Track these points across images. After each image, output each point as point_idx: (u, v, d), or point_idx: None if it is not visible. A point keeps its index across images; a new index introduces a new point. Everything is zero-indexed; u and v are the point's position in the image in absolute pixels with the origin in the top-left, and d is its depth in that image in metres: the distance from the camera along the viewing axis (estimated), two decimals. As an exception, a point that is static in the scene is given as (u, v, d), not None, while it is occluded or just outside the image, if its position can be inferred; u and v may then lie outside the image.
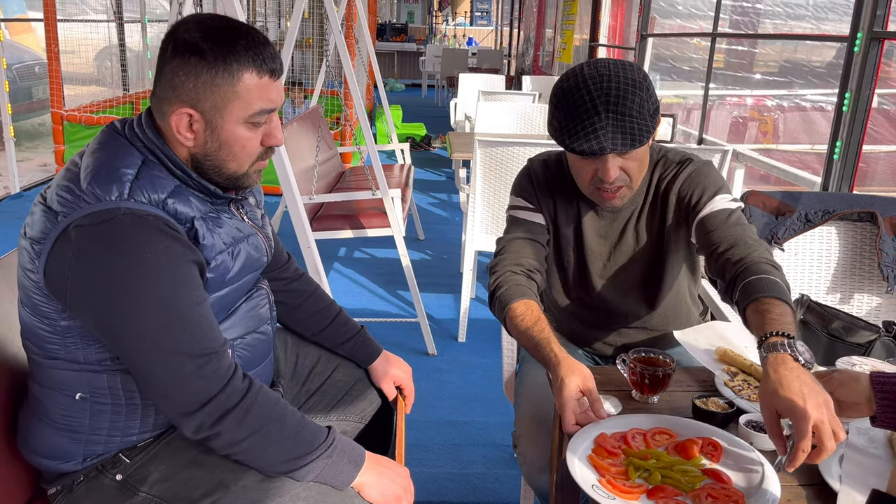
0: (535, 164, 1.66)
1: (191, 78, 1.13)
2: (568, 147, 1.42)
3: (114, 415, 1.20)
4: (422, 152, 8.17)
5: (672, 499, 1.06)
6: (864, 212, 2.07)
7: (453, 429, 2.61)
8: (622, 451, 1.17)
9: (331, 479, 1.19)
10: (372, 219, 3.33)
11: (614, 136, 1.37)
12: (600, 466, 1.13)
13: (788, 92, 5.75)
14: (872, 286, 2.05)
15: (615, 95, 1.36)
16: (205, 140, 1.17)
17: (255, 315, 1.34)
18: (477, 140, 3.08)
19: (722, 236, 1.44)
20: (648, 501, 1.07)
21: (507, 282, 1.51)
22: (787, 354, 1.11)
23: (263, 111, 1.18)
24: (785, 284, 1.31)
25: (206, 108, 1.15)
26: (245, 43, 1.14)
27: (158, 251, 1.09)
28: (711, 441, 1.19)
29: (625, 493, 1.07)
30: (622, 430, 1.22)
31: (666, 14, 6.47)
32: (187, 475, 1.19)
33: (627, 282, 1.65)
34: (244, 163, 1.21)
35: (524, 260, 1.55)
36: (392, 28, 16.35)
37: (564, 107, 1.41)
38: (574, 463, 1.13)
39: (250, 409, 1.14)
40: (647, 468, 1.13)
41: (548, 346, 1.36)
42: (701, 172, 1.55)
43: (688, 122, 5.60)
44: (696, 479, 1.10)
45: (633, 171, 1.46)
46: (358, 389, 1.60)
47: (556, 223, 1.64)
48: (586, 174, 1.47)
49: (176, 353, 1.11)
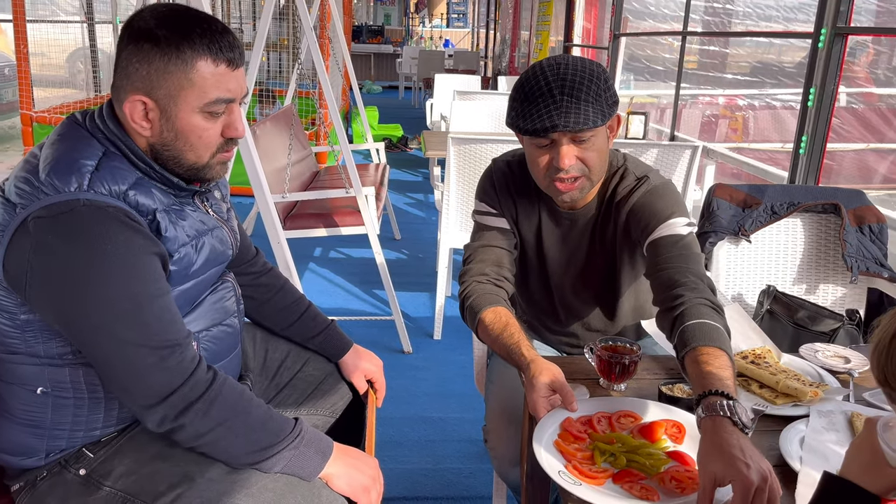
0: (499, 165, 1.63)
1: (144, 65, 1.12)
2: (521, 129, 1.39)
3: (76, 409, 1.19)
4: (398, 153, 8.17)
5: (637, 483, 1.08)
6: (829, 203, 2.11)
7: (428, 425, 2.61)
8: (588, 435, 1.18)
9: (298, 470, 1.18)
10: (346, 217, 3.32)
11: (567, 114, 1.35)
12: (566, 452, 1.14)
13: (759, 91, 5.83)
14: (836, 276, 2.09)
15: (571, 81, 1.36)
16: (161, 129, 1.16)
17: (221, 308, 1.33)
18: (451, 137, 3.09)
19: (665, 265, 1.39)
20: (614, 486, 1.08)
21: (475, 292, 1.51)
22: (726, 418, 1.05)
23: (220, 100, 1.17)
24: (725, 329, 1.26)
25: (159, 96, 1.14)
26: (201, 30, 1.13)
27: (119, 243, 1.08)
28: (675, 423, 1.21)
29: (590, 479, 1.08)
30: (588, 414, 1.24)
31: (639, 15, 6.53)
32: (152, 469, 1.18)
33: (587, 288, 1.65)
34: (203, 154, 1.20)
35: (489, 268, 1.54)
36: (368, 30, 16.34)
37: (521, 95, 1.40)
38: (540, 450, 1.14)
39: (214, 401, 1.13)
40: (613, 452, 1.14)
41: (518, 349, 1.36)
42: (656, 193, 1.49)
43: (661, 120, 5.65)
44: (660, 463, 1.12)
45: (592, 163, 1.42)
46: (328, 384, 1.59)
47: (518, 228, 1.62)
48: (542, 163, 1.43)
49: (137, 346, 1.09)
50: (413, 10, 18.70)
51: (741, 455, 0.98)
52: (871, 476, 0.82)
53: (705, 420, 1.06)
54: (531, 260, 1.65)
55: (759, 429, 1.21)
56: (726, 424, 1.04)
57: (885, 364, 0.76)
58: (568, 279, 1.64)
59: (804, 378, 1.35)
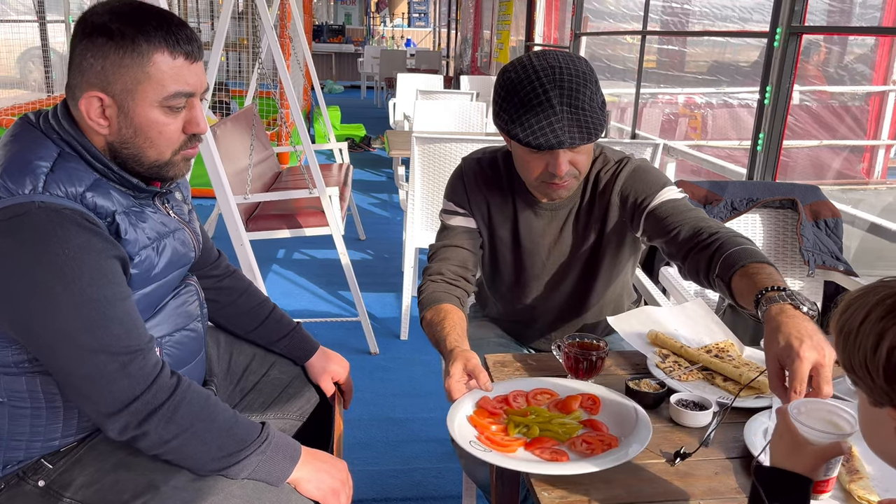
0: (468, 164, 1.63)
1: (98, 60, 1.09)
2: (522, 141, 1.38)
3: (34, 419, 1.15)
4: (362, 153, 8.13)
5: (548, 448, 1.11)
6: (786, 199, 2.16)
7: (396, 426, 2.60)
8: (504, 411, 1.21)
9: (266, 475, 1.17)
10: (309, 218, 3.29)
11: (570, 129, 1.35)
12: (480, 425, 1.16)
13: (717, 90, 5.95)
14: (794, 270, 2.13)
15: (568, 88, 1.35)
16: (119, 126, 1.13)
17: (184, 312, 1.30)
18: (415, 137, 3.08)
19: (681, 221, 1.43)
20: (526, 452, 1.11)
21: (426, 290, 1.55)
22: (787, 304, 1.09)
23: (179, 94, 1.14)
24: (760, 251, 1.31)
25: (116, 92, 1.11)
26: (156, 23, 1.11)
27: (76, 246, 1.05)
28: (591, 396, 1.24)
29: (502, 447, 1.10)
30: (504, 394, 1.26)
31: (599, 15, 6.60)
32: (114, 478, 1.15)
33: (565, 280, 1.65)
34: (164, 150, 1.17)
35: (447, 267, 1.57)
36: (329, 29, 16.21)
37: (516, 99, 1.38)
38: (453, 423, 1.15)
39: (178, 407, 1.11)
40: (527, 424, 1.16)
41: (444, 341, 1.38)
42: (642, 169, 1.55)
43: (622, 119, 5.72)
44: (573, 430, 1.15)
45: (582, 165, 1.46)
46: (295, 387, 1.57)
47: (490, 225, 1.62)
48: (535, 168, 1.44)
49: (98, 352, 1.06)
50: (374, 10, 18.62)
51: (797, 333, 1.02)
52: (796, 458, 0.86)
53: (768, 309, 1.10)
54: (505, 256, 1.65)
55: (724, 421, 1.22)
56: (787, 309, 1.08)
57: (851, 351, 0.75)
58: (546, 272, 1.65)
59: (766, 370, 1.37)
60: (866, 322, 0.74)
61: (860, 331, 0.74)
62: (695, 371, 1.39)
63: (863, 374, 0.75)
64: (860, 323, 0.74)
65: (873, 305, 0.74)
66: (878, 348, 0.72)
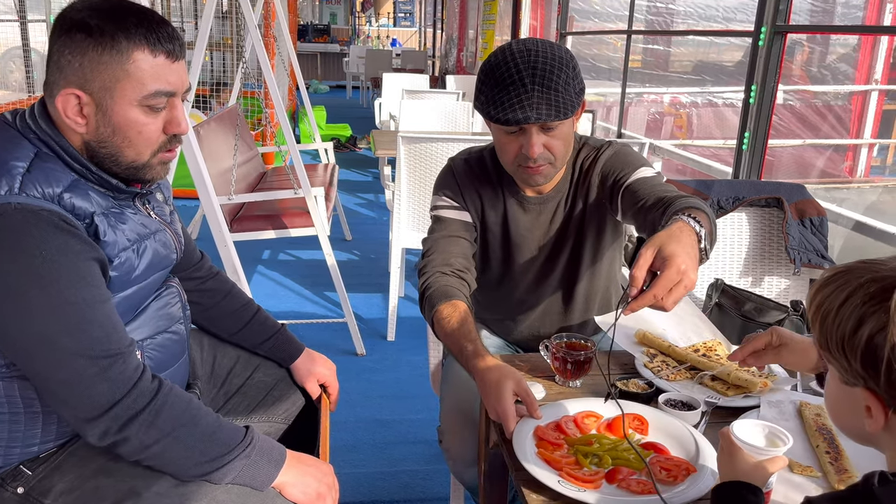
0: (457, 162, 1.64)
1: (77, 56, 1.07)
2: (493, 118, 1.41)
3: (12, 424, 1.13)
4: (347, 153, 8.10)
5: (630, 479, 1.07)
6: (772, 198, 2.16)
7: (383, 427, 2.58)
8: (563, 440, 1.17)
9: (250, 480, 1.15)
10: (295, 218, 3.26)
11: (539, 106, 1.37)
12: (553, 461, 1.11)
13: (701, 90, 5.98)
14: (780, 268, 2.14)
15: (542, 69, 1.37)
16: (97, 125, 1.11)
17: (166, 314, 1.28)
18: (400, 136, 3.07)
19: (651, 193, 1.43)
20: (610, 486, 1.06)
21: (436, 283, 1.49)
22: (696, 232, 1.15)
23: (160, 93, 1.12)
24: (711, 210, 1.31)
25: (94, 89, 1.09)
26: (137, 20, 1.09)
27: (54, 248, 1.03)
28: (636, 416, 1.22)
29: (587, 483, 1.06)
30: (555, 420, 1.22)
31: (584, 15, 6.61)
32: (94, 484, 1.13)
33: (553, 272, 1.65)
34: (143, 151, 1.15)
35: (453, 259, 1.53)
36: (314, 29, 16.14)
37: (491, 80, 1.41)
38: (533, 468, 1.09)
39: (160, 412, 1.09)
40: (595, 453, 1.13)
41: (473, 348, 1.33)
42: (622, 152, 1.57)
43: (607, 118, 5.73)
44: (643, 455, 1.12)
45: (557, 150, 1.45)
46: (280, 389, 1.55)
47: (484, 220, 1.62)
48: (511, 150, 1.46)
49: (77, 356, 1.04)
50: (359, 9, 18.56)
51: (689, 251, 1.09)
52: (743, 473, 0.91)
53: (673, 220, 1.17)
54: (495, 251, 1.65)
55: (712, 420, 1.22)
56: (688, 229, 1.14)
57: (829, 331, 0.76)
58: (534, 265, 1.65)
59: (753, 370, 1.37)
60: (847, 304, 0.75)
61: (840, 312, 0.75)
62: (683, 370, 1.39)
63: (838, 354, 0.76)
64: (840, 304, 0.75)
65: (855, 288, 0.75)
66: (857, 332, 0.73)
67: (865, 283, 0.74)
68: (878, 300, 0.73)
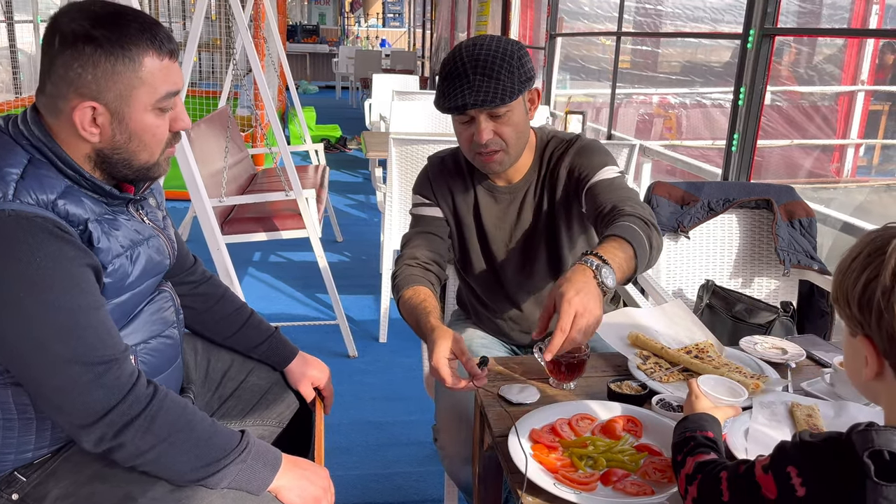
0: (433, 161, 1.73)
1: (88, 69, 1.07)
2: (441, 107, 1.50)
3: (6, 431, 1.12)
4: (338, 154, 8.08)
5: (625, 481, 1.08)
6: (761, 199, 2.18)
7: (376, 429, 2.59)
8: (559, 443, 1.18)
9: (246, 484, 1.15)
10: (286, 220, 3.26)
11: (478, 92, 1.45)
12: (548, 464, 1.12)
13: (690, 90, 6.01)
14: (770, 269, 2.16)
15: (484, 60, 1.46)
16: (112, 133, 1.12)
17: (159, 319, 1.27)
18: (392, 138, 3.07)
19: (607, 199, 1.50)
20: (605, 488, 1.07)
21: (401, 273, 1.59)
22: (590, 268, 1.23)
23: (169, 94, 1.14)
24: (644, 234, 1.36)
25: (109, 100, 1.09)
26: (138, 25, 1.09)
27: (47, 255, 1.02)
28: (630, 418, 1.22)
29: (583, 486, 1.06)
30: (550, 423, 1.23)
31: (574, 16, 6.63)
32: (90, 490, 1.12)
33: (532, 262, 1.69)
34: (155, 152, 1.17)
35: (420, 253, 1.63)
36: (303, 29, 16.11)
37: (442, 75, 1.51)
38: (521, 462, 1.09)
39: (156, 417, 1.08)
40: (590, 456, 1.13)
41: (425, 319, 1.42)
42: (589, 147, 1.63)
43: (597, 119, 5.75)
44: (637, 457, 1.13)
45: (508, 136, 1.52)
46: (274, 393, 1.55)
47: (456, 214, 1.70)
48: (465, 139, 1.54)
49: (72, 363, 1.04)
50: (348, 10, 18.53)
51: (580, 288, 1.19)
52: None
53: (574, 265, 1.25)
54: (472, 242, 1.71)
55: (705, 422, 1.23)
56: (586, 271, 1.23)
57: (841, 284, 0.84)
58: (513, 254, 1.69)
59: (745, 370, 1.39)
60: (856, 260, 0.83)
61: (850, 267, 0.83)
62: (675, 372, 1.40)
63: (844, 304, 0.85)
64: (852, 260, 0.84)
65: (865, 244, 0.83)
66: (857, 281, 0.82)
67: (873, 240, 0.83)
68: (878, 252, 0.81)
